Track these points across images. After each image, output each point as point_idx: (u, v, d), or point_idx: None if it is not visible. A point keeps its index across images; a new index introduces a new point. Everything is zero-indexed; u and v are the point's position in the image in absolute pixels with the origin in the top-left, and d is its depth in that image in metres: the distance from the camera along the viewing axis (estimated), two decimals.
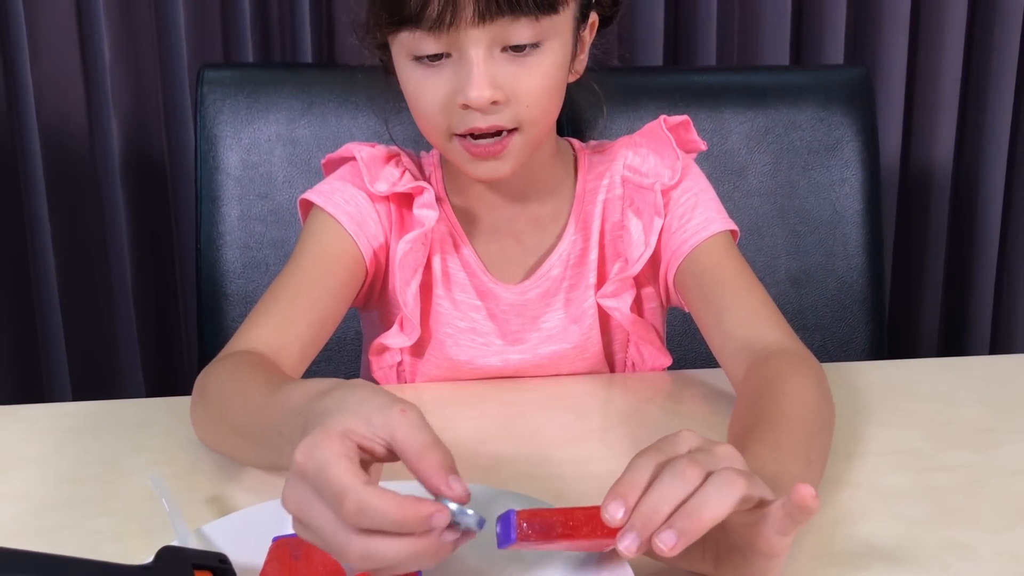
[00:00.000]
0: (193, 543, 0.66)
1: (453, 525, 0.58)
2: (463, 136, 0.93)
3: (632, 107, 1.44)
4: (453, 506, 0.58)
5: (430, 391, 1.06)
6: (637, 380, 1.08)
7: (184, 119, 1.70)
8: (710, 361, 1.01)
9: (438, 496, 0.59)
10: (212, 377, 0.86)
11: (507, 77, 0.91)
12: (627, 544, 0.59)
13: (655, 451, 0.62)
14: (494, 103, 0.91)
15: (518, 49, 0.91)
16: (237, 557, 0.64)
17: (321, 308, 0.97)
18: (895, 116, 1.83)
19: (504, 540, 0.59)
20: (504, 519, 0.59)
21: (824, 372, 0.88)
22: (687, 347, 1.40)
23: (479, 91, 0.89)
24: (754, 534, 0.62)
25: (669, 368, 1.11)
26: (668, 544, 0.58)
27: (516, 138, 0.94)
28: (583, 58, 1.01)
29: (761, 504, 0.61)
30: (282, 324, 0.94)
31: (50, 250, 1.69)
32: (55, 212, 1.69)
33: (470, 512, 0.58)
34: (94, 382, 1.75)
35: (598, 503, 0.62)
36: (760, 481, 0.61)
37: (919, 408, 0.97)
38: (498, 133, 0.93)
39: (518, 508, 0.61)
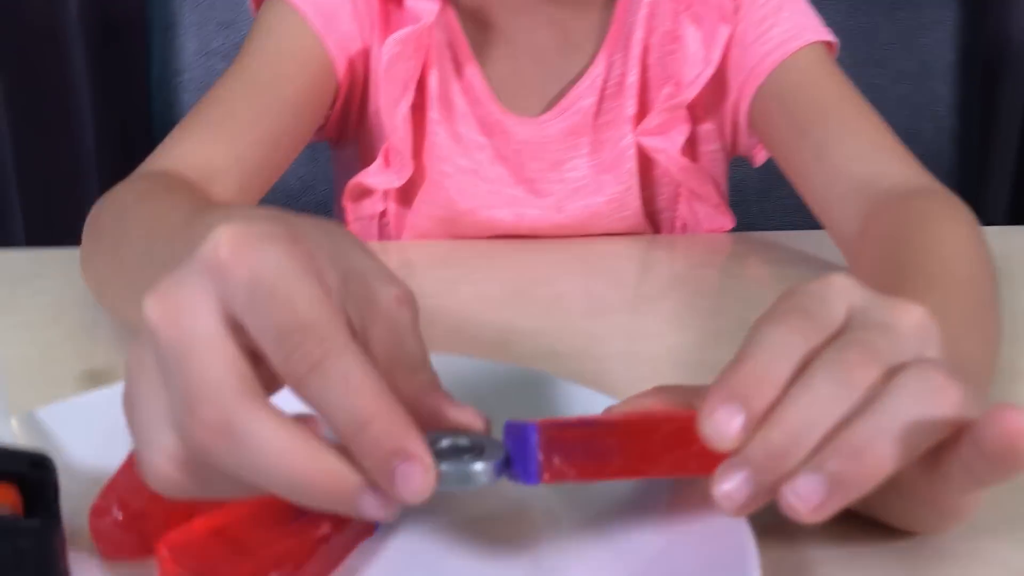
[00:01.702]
0: (13, 434, 0.42)
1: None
2: None
3: None
4: (445, 466, 0.33)
5: (421, 250, 0.81)
6: (688, 242, 0.83)
7: None
8: None
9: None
10: (114, 200, 0.61)
11: None
12: (731, 488, 0.33)
13: (797, 316, 0.35)
14: None
15: None
16: (81, 456, 0.40)
17: (271, 123, 0.71)
18: None
19: (523, 476, 0.34)
20: (517, 437, 0.34)
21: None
22: (755, 215, 1.15)
23: None
24: (926, 481, 0.36)
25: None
26: (810, 501, 0.33)
27: None
28: None
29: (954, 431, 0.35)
30: (216, 141, 0.69)
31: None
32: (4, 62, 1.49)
33: (478, 467, 0.33)
34: (50, 230, 1.57)
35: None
36: (972, 386, 0.35)
37: None
38: None
39: (532, 410, 0.36)
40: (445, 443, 0.34)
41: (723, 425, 0.33)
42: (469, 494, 0.38)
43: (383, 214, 0.84)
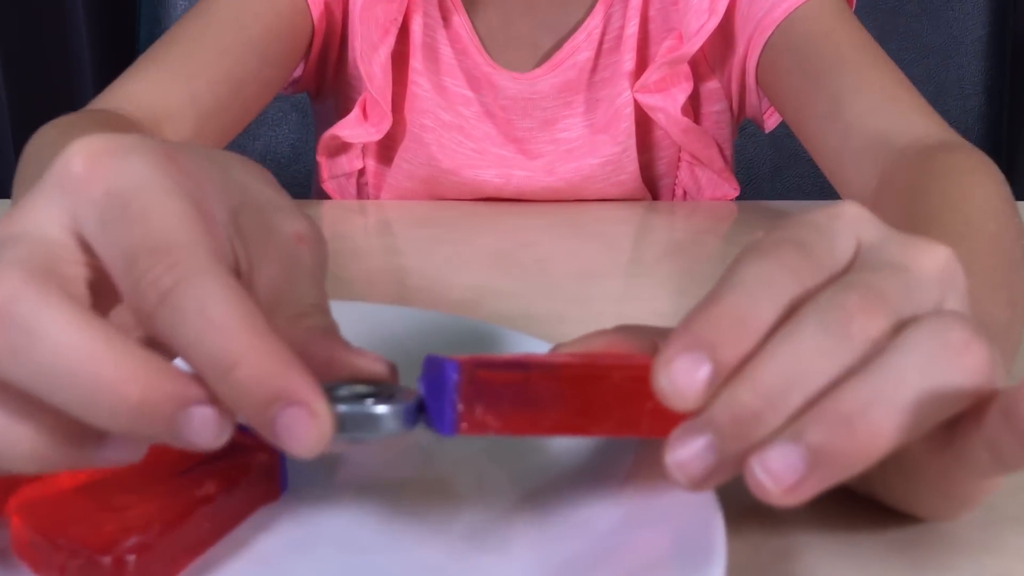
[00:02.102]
0: None
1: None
2: None
3: None
4: (340, 408, 0.27)
5: (400, 209, 0.75)
6: (689, 208, 0.77)
7: None
8: None
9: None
10: (39, 139, 0.56)
11: None
12: (687, 457, 0.27)
13: (791, 248, 0.29)
14: None
15: None
16: None
17: (233, 63, 0.66)
18: None
19: (437, 424, 0.28)
20: (434, 376, 0.28)
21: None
22: (767, 194, 1.09)
23: None
24: (936, 461, 0.30)
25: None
26: (783, 479, 0.26)
27: None
28: None
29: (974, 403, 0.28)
30: (171, 80, 0.63)
31: None
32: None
33: (382, 409, 0.27)
34: None
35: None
36: (996, 348, 0.28)
37: None
38: None
39: (460, 349, 0.31)
40: (343, 392, 0.28)
41: (682, 378, 0.26)
42: (392, 454, 0.32)
43: (361, 172, 0.78)
